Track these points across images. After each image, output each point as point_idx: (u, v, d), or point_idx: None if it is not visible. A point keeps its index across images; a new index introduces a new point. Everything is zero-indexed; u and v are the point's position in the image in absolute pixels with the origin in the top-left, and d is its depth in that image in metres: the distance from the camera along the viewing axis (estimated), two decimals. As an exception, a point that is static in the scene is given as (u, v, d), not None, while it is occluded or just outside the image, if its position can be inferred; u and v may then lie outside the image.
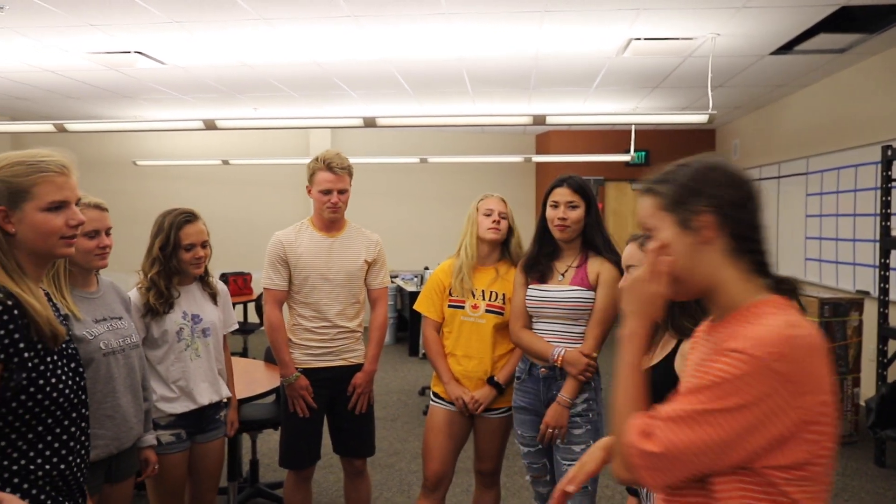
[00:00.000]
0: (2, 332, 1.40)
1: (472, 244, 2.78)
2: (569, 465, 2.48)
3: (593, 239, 2.56)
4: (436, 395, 2.89)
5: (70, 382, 1.54)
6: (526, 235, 2.83)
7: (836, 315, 4.98)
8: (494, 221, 2.75)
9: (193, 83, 6.47)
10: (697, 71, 5.83)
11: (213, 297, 2.69)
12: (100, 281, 2.21)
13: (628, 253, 1.96)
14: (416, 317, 7.83)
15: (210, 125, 5.38)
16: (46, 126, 5.52)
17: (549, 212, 2.55)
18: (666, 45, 5.08)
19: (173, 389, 2.51)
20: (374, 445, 3.15)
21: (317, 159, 2.90)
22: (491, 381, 2.75)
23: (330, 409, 3.02)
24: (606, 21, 4.55)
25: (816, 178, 6.43)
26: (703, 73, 5.74)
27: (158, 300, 2.47)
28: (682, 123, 6.27)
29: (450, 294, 2.82)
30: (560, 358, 2.49)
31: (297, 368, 2.96)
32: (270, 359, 4.13)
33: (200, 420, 2.60)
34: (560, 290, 2.54)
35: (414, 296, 7.80)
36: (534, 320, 2.63)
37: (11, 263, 1.48)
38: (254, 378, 3.55)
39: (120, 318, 2.16)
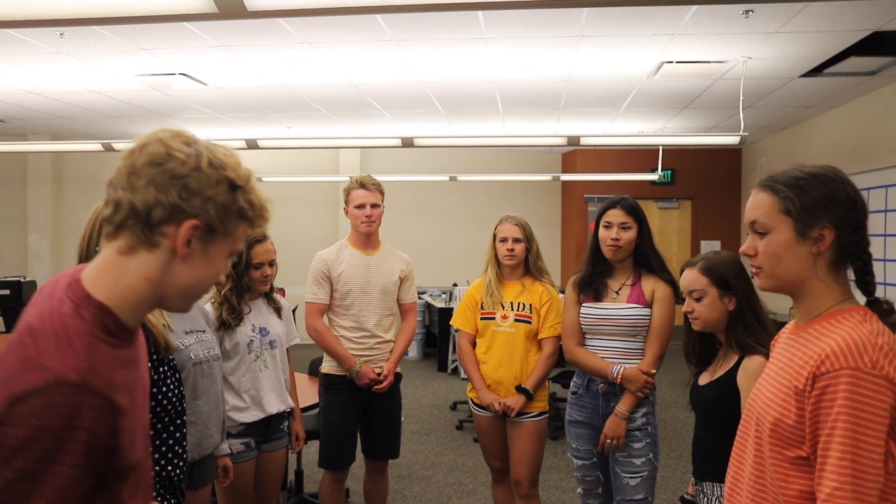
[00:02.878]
0: None
1: (494, 264, 3.06)
2: (629, 477, 2.59)
3: (647, 258, 2.67)
4: (473, 402, 3.10)
5: (176, 391, 1.67)
6: (553, 252, 3.00)
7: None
8: (509, 249, 2.98)
9: (232, 103, 6.66)
10: (726, 92, 5.92)
11: (278, 311, 2.85)
12: (184, 295, 2.33)
13: (690, 279, 2.01)
14: (445, 333, 7.91)
15: (252, 144, 5.56)
16: (94, 145, 5.72)
17: (602, 232, 2.66)
18: (697, 68, 5.18)
19: (244, 399, 2.64)
20: (399, 448, 3.39)
21: (351, 180, 3.23)
22: (519, 388, 2.93)
23: (362, 415, 3.22)
24: (641, 45, 4.66)
25: (845, 198, 6.46)
26: (731, 94, 5.83)
27: (231, 314, 2.62)
28: (713, 144, 6.33)
29: (481, 308, 3.05)
30: (619, 376, 2.58)
31: (339, 374, 3.16)
32: (314, 372, 4.24)
33: (267, 429, 2.73)
34: (617, 307, 2.64)
35: (442, 312, 7.89)
36: (588, 337, 2.73)
37: None
38: (300, 391, 3.64)
39: (204, 332, 2.29)
